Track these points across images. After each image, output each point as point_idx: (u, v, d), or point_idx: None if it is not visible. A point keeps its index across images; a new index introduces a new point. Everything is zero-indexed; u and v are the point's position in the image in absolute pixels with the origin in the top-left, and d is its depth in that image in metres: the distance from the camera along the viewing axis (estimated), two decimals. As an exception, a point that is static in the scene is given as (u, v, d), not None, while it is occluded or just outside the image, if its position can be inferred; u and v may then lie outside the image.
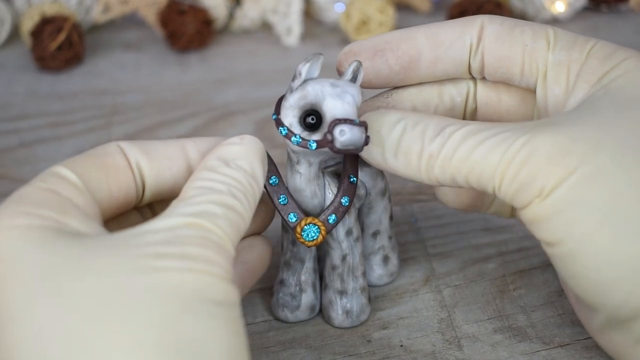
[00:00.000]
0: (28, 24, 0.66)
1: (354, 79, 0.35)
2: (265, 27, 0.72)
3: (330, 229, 0.37)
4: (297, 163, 0.36)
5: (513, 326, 0.41)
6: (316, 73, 0.35)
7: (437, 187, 0.42)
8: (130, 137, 0.58)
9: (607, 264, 0.31)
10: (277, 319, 0.41)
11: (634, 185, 0.31)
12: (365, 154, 0.35)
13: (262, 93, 0.63)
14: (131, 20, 0.73)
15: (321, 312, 0.41)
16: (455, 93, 0.40)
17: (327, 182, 0.37)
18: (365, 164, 0.38)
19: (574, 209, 0.31)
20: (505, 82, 0.38)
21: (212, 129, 0.59)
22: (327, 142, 0.33)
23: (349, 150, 0.33)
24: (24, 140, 0.58)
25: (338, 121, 0.33)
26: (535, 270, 0.44)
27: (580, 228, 0.31)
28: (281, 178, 0.37)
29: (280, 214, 0.37)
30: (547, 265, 0.44)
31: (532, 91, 0.38)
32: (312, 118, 0.34)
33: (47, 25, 0.64)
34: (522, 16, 0.72)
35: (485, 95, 0.40)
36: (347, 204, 0.37)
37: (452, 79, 0.39)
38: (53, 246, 0.28)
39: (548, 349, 0.39)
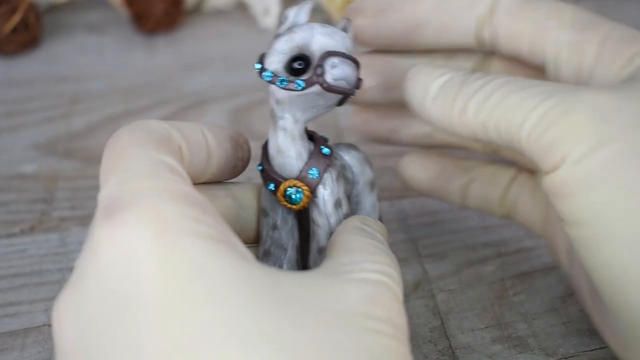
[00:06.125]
0: (-21, 4, 0.64)
1: None
2: (241, 7, 0.71)
3: (313, 187, 0.35)
4: (282, 118, 0.35)
5: (513, 335, 0.40)
6: (304, 20, 0.34)
7: (402, 159, 0.43)
8: (93, 127, 0.57)
9: (638, 257, 0.30)
10: None
11: None
12: (409, 95, 0.36)
13: (237, 79, 0.62)
14: (93, 0, 0.72)
15: None
16: (465, 66, 0.40)
17: (310, 144, 0.36)
18: (354, 147, 0.37)
19: (606, 186, 0.30)
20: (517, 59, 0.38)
21: (182, 119, 0.57)
22: (317, 77, 0.32)
23: (340, 88, 0.33)
24: (-25, 132, 0.57)
25: (329, 53, 0.33)
26: (537, 273, 0.43)
27: (611, 210, 0.30)
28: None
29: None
30: (550, 268, 0.44)
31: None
32: (299, 63, 0.33)
33: (1, 5, 0.63)
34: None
35: (496, 69, 0.40)
36: (329, 153, 0.36)
37: (464, 50, 0.40)
38: (248, 274, 0.26)
39: (551, 360, 0.39)
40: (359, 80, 0.33)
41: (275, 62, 0.34)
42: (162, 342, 0.24)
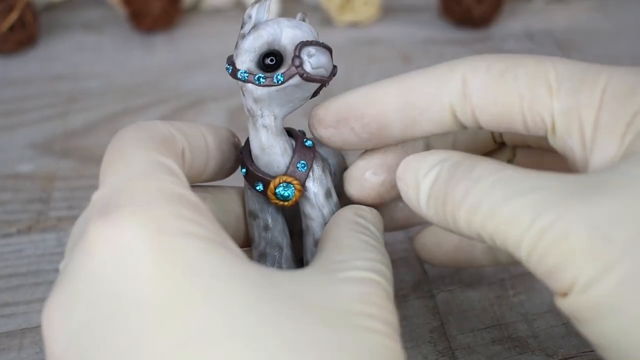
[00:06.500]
0: (-24, 2, 0.64)
1: None
2: (239, 6, 0.71)
3: (303, 180, 0.35)
4: (262, 116, 0.35)
5: (513, 336, 0.40)
6: (265, 17, 0.34)
7: (416, 240, 0.40)
8: (90, 126, 0.57)
9: None
10: None
11: None
12: (404, 196, 0.34)
13: (235, 78, 0.62)
14: (91, -2, 0.72)
15: None
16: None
17: (290, 139, 0.36)
18: None
19: (619, 315, 0.26)
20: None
21: (181, 118, 0.57)
22: (295, 68, 0.33)
23: (319, 76, 0.33)
24: (-29, 131, 0.57)
25: (304, 43, 0.33)
26: (537, 273, 0.43)
27: (630, 340, 0.26)
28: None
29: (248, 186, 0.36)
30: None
31: None
32: (270, 59, 0.33)
33: (-3, 3, 0.63)
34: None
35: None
36: (312, 145, 0.36)
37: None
38: (244, 273, 0.26)
39: (552, 361, 0.38)
40: (335, 67, 0.34)
41: (247, 61, 0.34)
42: (162, 341, 0.24)
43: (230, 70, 0.34)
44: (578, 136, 0.31)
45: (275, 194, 0.35)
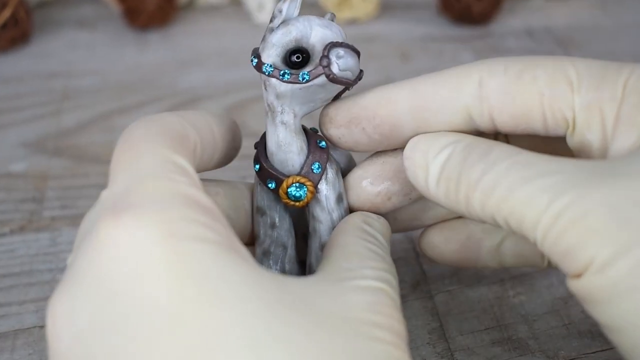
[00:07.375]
0: (-32, -1, 0.64)
1: None
2: (235, 3, 0.71)
3: (317, 182, 0.35)
4: (282, 112, 0.35)
5: (513, 337, 0.39)
6: (295, 13, 0.34)
7: (422, 237, 0.40)
8: (84, 125, 0.57)
9: None
10: None
11: None
12: (410, 176, 0.34)
13: (231, 76, 0.61)
14: (85, -5, 0.72)
15: None
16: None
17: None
18: None
19: (636, 296, 0.26)
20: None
21: (176, 116, 0.57)
22: (323, 68, 0.33)
23: (345, 79, 0.33)
24: (-37, 129, 0.57)
25: (333, 44, 0.33)
26: (537, 273, 0.43)
27: None
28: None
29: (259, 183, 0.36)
30: (551, 268, 0.43)
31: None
32: (297, 56, 0.33)
33: (-10, 0, 0.62)
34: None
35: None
36: (325, 146, 0.36)
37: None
38: (255, 280, 0.26)
39: (552, 363, 0.38)
40: (361, 71, 0.34)
41: (273, 55, 0.33)
42: (168, 345, 0.24)
43: (255, 63, 0.34)
44: (599, 130, 0.31)
45: (287, 193, 0.35)
